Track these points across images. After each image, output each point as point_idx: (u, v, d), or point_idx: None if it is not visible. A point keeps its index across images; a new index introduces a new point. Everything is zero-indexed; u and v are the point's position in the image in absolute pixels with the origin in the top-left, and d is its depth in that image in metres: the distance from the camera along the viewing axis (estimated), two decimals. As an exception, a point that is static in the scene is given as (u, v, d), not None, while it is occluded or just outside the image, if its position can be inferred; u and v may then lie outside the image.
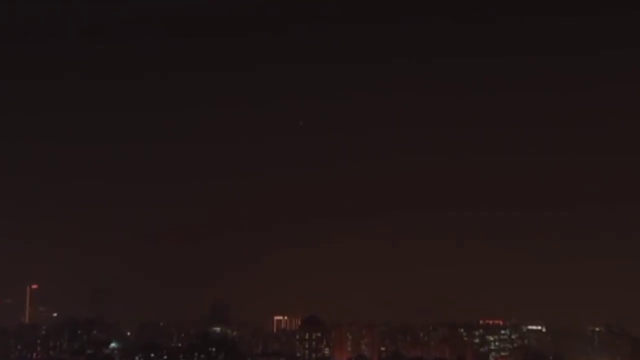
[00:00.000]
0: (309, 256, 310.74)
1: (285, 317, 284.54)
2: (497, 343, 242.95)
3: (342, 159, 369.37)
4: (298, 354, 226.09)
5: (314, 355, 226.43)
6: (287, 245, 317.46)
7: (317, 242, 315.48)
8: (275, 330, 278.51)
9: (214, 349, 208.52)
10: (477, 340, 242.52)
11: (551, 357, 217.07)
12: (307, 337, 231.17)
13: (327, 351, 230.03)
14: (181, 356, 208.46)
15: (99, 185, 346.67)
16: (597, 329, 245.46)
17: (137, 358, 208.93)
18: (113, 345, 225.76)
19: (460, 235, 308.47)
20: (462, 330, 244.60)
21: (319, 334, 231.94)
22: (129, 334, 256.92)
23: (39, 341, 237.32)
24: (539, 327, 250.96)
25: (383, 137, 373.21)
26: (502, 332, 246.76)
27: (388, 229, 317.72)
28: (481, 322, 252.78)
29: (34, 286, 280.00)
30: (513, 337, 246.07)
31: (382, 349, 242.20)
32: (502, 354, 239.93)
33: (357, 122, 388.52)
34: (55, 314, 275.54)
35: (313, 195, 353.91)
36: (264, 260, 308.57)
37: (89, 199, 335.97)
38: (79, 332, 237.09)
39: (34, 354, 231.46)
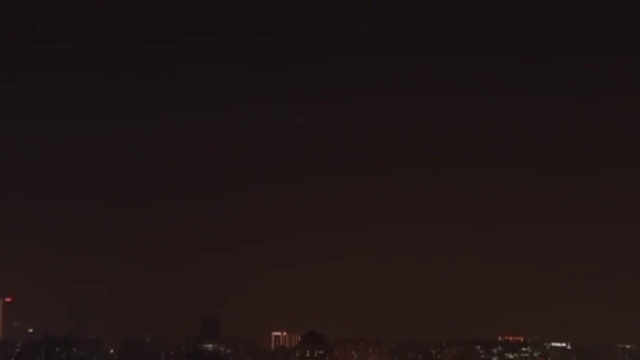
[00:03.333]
0: (310, 270, 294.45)
1: (284, 333, 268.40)
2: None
3: (345, 169, 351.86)
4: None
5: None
6: (286, 258, 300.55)
7: (320, 256, 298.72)
8: (272, 347, 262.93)
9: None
10: (495, 358, 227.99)
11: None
12: (307, 354, 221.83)
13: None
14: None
15: (83, 199, 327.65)
16: (628, 346, 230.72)
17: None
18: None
19: (478, 249, 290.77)
20: (479, 347, 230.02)
21: (320, 352, 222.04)
22: (112, 351, 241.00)
23: (12, 359, 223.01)
24: (564, 345, 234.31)
25: (384, 146, 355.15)
26: (523, 349, 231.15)
27: (398, 243, 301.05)
28: (500, 338, 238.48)
29: (8, 299, 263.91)
30: (535, 355, 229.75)
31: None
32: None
33: (357, 128, 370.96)
34: (30, 330, 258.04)
35: (315, 206, 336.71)
36: (261, 274, 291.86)
37: (71, 212, 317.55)
38: (57, 349, 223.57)
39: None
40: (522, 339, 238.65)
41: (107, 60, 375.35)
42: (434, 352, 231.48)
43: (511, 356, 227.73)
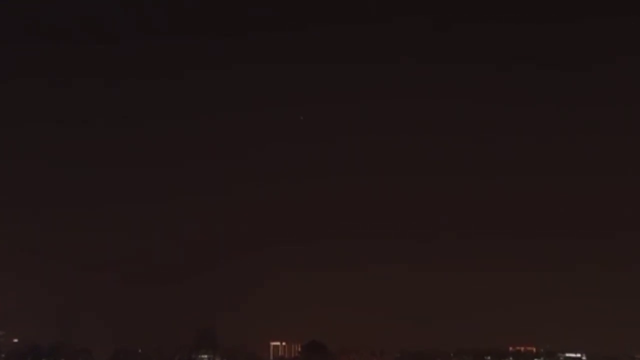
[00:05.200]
0: (312, 278, 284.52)
1: (284, 343, 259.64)
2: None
3: (347, 171, 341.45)
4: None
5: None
6: (286, 265, 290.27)
7: (322, 264, 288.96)
8: (271, 357, 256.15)
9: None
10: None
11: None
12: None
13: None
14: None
15: (69, 205, 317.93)
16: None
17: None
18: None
19: (488, 259, 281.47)
20: (489, 357, 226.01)
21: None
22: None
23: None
24: (578, 355, 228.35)
25: (384, 147, 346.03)
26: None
27: (405, 251, 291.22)
28: (511, 348, 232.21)
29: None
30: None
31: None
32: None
33: (357, 129, 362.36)
34: (15, 340, 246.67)
35: (315, 212, 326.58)
36: (260, 282, 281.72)
37: (60, 220, 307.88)
38: (43, 359, 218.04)
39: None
40: (534, 349, 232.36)
41: (106, 61, 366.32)
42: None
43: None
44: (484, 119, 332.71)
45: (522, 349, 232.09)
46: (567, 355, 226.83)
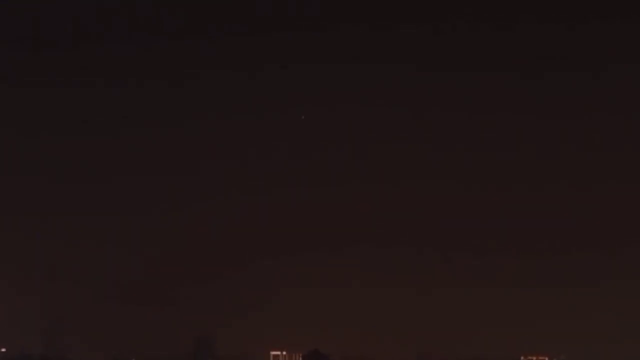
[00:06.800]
0: (314, 285, 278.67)
1: (284, 352, 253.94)
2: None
3: (349, 176, 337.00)
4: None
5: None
6: (287, 273, 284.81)
7: (324, 271, 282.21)
8: None
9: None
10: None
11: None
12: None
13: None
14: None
15: (68, 212, 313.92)
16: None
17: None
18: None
19: (497, 260, 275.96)
20: None
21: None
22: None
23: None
24: None
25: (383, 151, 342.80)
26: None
27: (407, 260, 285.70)
28: (522, 358, 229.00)
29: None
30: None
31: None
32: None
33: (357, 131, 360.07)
34: (3, 349, 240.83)
35: (317, 218, 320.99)
36: (260, 289, 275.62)
37: (58, 225, 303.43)
38: None
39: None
40: (547, 358, 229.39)
41: (106, 61, 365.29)
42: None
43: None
44: (484, 119, 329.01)
45: (535, 358, 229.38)
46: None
